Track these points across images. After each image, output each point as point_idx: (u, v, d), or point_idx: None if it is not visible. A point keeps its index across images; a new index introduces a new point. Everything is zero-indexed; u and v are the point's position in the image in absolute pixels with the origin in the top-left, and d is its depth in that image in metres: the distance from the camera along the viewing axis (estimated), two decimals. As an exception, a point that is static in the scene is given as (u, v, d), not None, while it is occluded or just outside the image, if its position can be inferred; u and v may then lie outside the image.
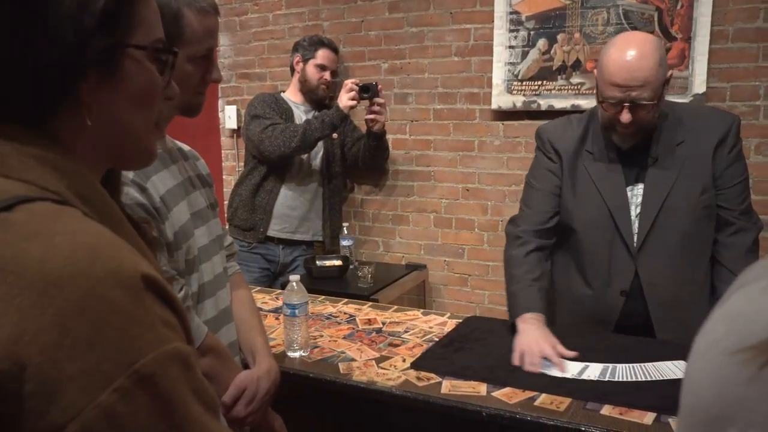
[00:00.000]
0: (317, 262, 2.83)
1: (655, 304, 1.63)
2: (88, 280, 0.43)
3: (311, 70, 2.79)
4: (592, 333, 1.70)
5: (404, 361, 1.53)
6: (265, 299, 2.07)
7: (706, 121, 1.63)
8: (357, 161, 2.93)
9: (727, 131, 1.60)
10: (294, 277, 1.54)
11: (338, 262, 2.83)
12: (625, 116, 1.50)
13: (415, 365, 1.50)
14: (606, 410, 1.28)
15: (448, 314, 1.91)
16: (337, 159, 2.90)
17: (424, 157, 3.05)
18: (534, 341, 1.50)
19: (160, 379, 0.44)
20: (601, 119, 1.62)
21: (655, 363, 1.48)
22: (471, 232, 3.03)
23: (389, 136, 2.97)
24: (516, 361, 1.47)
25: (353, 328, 1.78)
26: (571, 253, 1.75)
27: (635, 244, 1.63)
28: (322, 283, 2.68)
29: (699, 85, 2.39)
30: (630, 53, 1.48)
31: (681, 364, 1.47)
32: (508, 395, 1.35)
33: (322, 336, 1.71)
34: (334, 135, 2.82)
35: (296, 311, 1.51)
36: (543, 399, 1.33)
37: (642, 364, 1.47)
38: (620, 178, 1.63)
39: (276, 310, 1.93)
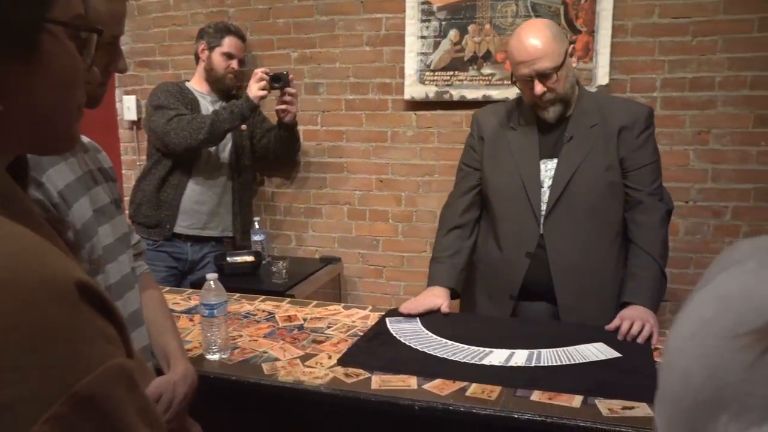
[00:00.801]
0: (228, 259, 2.72)
1: (557, 268, 1.75)
2: (17, 293, 0.35)
3: (217, 59, 2.67)
4: (513, 323, 1.73)
5: (330, 357, 1.49)
6: (177, 299, 1.95)
7: (618, 108, 1.79)
8: (267, 153, 2.84)
9: (635, 118, 1.75)
10: (211, 276, 1.45)
11: (250, 258, 2.73)
12: (538, 87, 1.67)
13: (342, 361, 1.46)
14: (536, 396, 1.28)
15: (370, 307, 1.88)
16: (247, 151, 2.80)
17: (337, 148, 2.99)
18: (422, 296, 1.78)
19: (102, 401, 0.37)
20: (525, 99, 1.79)
21: (576, 347, 1.51)
22: (385, 224, 3.01)
23: (300, 127, 2.89)
24: (402, 308, 1.76)
25: (273, 326, 1.71)
26: (489, 221, 1.90)
27: (543, 212, 1.76)
28: (234, 280, 2.57)
29: (602, 77, 2.48)
30: (526, 34, 1.69)
31: (601, 346, 1.52)
32: (439, 387, 1.33)
33: (241, 336, 1.64)
34: (243, 126, 2.71)
35: (215, 311, 1.43)
36: (474, 389, 1.32)
37: (565, 348, 1.50)
38: (536, 152, 1.79)
39: (189, 311, 1.83)
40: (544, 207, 1.76)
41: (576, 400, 1.26)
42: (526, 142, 1.80)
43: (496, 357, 1.46)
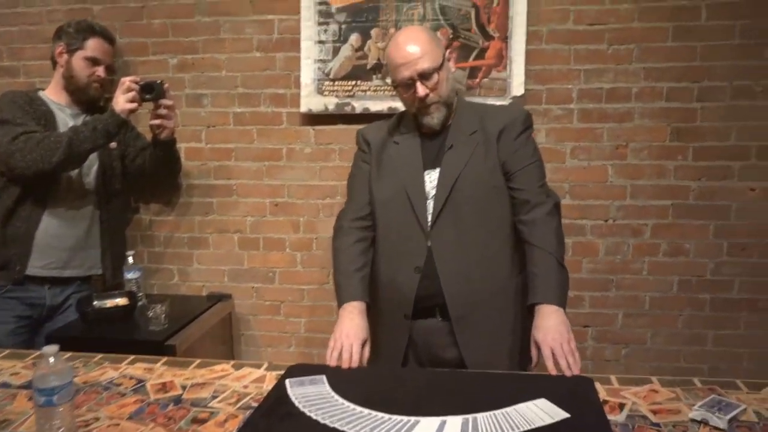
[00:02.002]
0: (95, 303, 2.31)
1: (447, 280, 1.68)
2: None
3: (79, 64, 2.26)
4: (434, 376, 1.48)
5: (215, 445, 1.17)
6: (17, 367, 1.55)
7: (496, 113, 1.79)
8: (142, 176, 2.44)
9: (513, 119, 1.74)
10: (50, 349, 1.10)
11: (123, 301, 2.33)
12: (420, 89, 1.66)
13: (231, 452, 1.14)
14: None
15: (266, 364, 1.57)
16: (117, 174, 2.40)
17: (224, 168, 2.65)
18: (345, 334, 1.59)
19: None
20: (407, 108, 1.79)
21: (516, 407, 1.28)
22: (282, 253, 2.69)
23: (181, 145, 2.53)
24: (329, 360, 1.55)
25: (143, 401, 1.36)
26: (377, 238, 1.82)
27: (429, 223, 1.70)
28: (102, 330, 2.18)
29: (517, 87, 2.30)
30: (404, 38, 1.69)
31: (543, 404, 1.29)
32: (357, 482, 1.05)
33: (98, 419, 1.28)
34: (112, 145, 2.32)
35: (54, 398, 1.07)
36: (401, 481, 1.05)
37: (504, 411, 1.26)
38: (419, 163, 1.75)
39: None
40: (429, 218, 1.71)
41: None
42: (409, 153, 1.77)
43: (425, 429, 1.19)
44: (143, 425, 1.25)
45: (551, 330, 1.49)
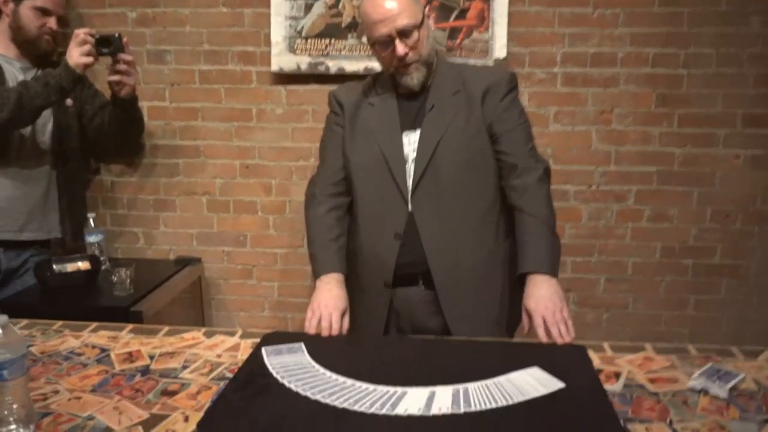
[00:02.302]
0: (55, 267, 2.17)
1: (431, 248, 1.60)
2: None
3: (27, 14, 2.08)
4: (420, 344, 1.41)
5: (187, 420, 1.08)
6: (-32, 337, 1.43)
7: (479, 74, 1.70)
8: (102, 136, 2.29)
9: (498, 81, 1.65)
10: (-1, 318, 0.99)
11: (84, 265, 2.20)
12: (400, 48, 1.56)
13: (203, 427, 1.05)
14: (474, 461, 0.96)
15: (240, 332, 1.47)
16: (74, 133, 2.25)
17: (190, 129, 2.51)
18: (323, 305, 1.51)
19: None
20: (384, 68, 1.68)
21: (509, 376, 1.21)
22: (253, 216, 2.58)
23: (144, 104, 2.39)
24: (308, 328, 1.48)
25: (107, 372, 1.26)
26: (354, 204, 1.73)
27: (409, 187, 1.61)
28: (62, 297, 2.06)
29: (500, 49, 2.21)
30: None
31: (536, 373, 1.22)
32: (344, 459, 0.97)
33: (57, 392, 1.18)
34: (68, 102, 2.17)
35: (4, 373, 0.97)
36: (391, 457, 0.98)
37: (496, 380, 1.19)
38: (396, 124, 1.65)
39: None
40: (410, 183, 1.61)
41: None
42: (386, 114, 1.67)
43: (414, 400, 1.12)
44: (107, 398, 1.15)
45: (544, 298, 1.43)
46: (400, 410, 1.09)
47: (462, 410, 1.09)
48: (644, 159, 2.32)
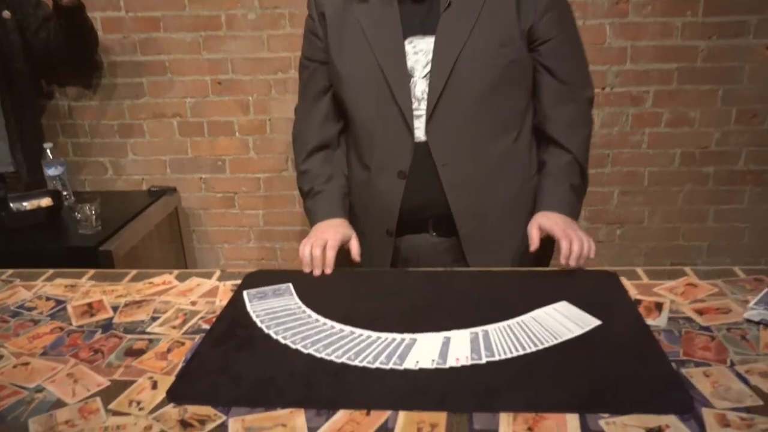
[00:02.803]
0: (11, 206, 1.98)
1: (452, 188, 1.32)
2: None
3: None
4: (415, 278, 1.23)
5: (155, 386, 0.91)
6: None
7: None
8: (49, 53, 2.03)
9: None
10: None
11: (45, 201, 2.01)
12: None
13: (175, 396, 0.88)
14: (505, 423, 0.80)
15: (218, 273, 1.29)
16: (17, 50, 1.99)
17: (152, 42, 2.25)
18: (320, 230, 1.32)
19: None
20: None
21: (533, 314, 1.04)
22: (230, 139, 2.37)
23: (95, 15, 2.13)
24: (305, 265, 1.26)
25: (62, 329, 1.09)
26: (348, 131, 1.44)
27: (416, 112, 1.29)
28: (20, 239, 1.87)
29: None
30: None
31: (566, 309, 1.06)
32: (344, 429, 0.81)
33: (0, 358, 1.00)
34: (5, 14, 1.90)
35: None
36: (403, 424, 0.81)
37: (519, 320, 1.02)
38: (397, 27, 1.29)
39: None
40: (417, 104, 1.29)
41: (570, 422, 0.80)
42: (383, 15, 1.30)
43: (425, 349, 0.95)
44: (61, 362, 0.98)
45: (557, 217, 1.27)
46: (410, 363, 0.92)
47: (484, 359, 0.92)
48: (664, 55, 2.10)
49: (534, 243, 1.24)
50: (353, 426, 0.81)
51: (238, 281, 1.23)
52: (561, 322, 1.02)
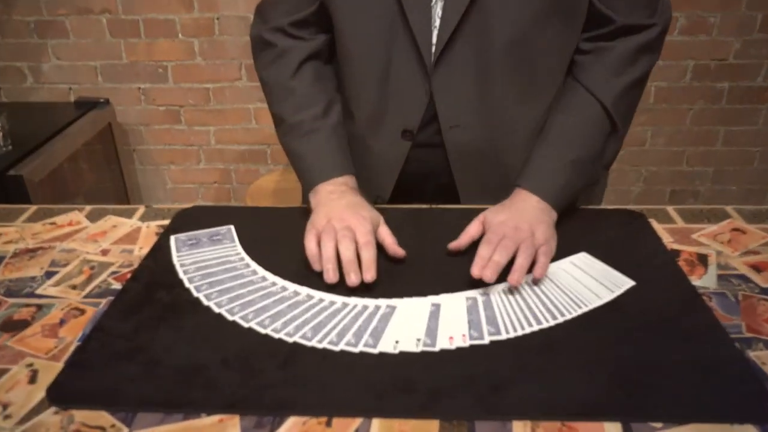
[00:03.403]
0: None
1: (457, 155, 1.00)
2: None
3: None
4: (394, 217, 0.99)
5: (34, 379, 0.66)
6: None
7: None
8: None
9: None
10: None
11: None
12: None
13: (57, 396, 0.64)
14: (518, 440, 0.59)
15: (141, 210, 1.03)
16: None
17: None
18: (338, 217, 0.87)
19: None
20: None
21: (550, 273, 0.81)
22: (173, 41, 2.04)
23: None
24: (315, 264, 0.82)
25: None
26: (338, 71, 1.05)
27: (432, 53, 0.92)
28: None
29: None
30: None
31: (588, 263, 0.83)
32: (298, 450, 0.58)
33: None
34: None
35: None
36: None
37: (530, 278, 0.79)
38: None
39: None
40: (436, 40, 0.91)
41: (608, 428, 0.58)
42: None
43: (407, 324, 0.72)
44: None
45: (522, 210, 0.89)
46: (388, 344, 0.69)
47: (486, 338, 0.70)
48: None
49: (459, 241, 0.87)
50: (308, 442, 0.58)
51: (166, 222, 0.98)
52: (584, 282, 0.79)
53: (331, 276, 0.78)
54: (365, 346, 0.69)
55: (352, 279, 0.77)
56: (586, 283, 0.79)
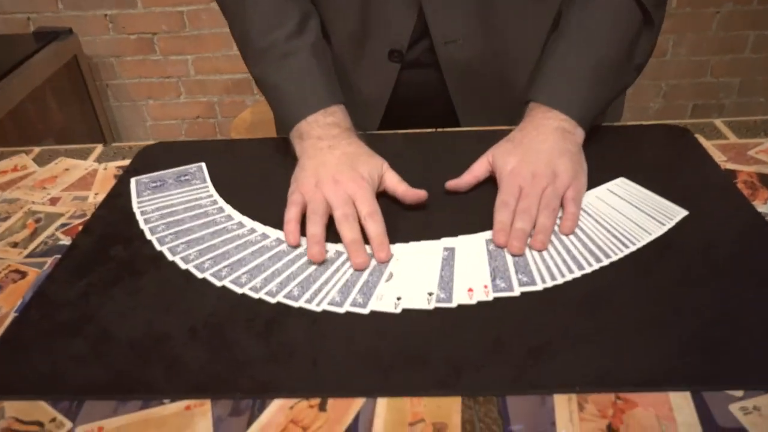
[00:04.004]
0: None
1: (456, 74, 0.88)
2: None
3: None
4: (395, 141, 0.85)
5: (-42, 363, 0.55)
6: None
7: None
8: None
9: None
10: None
11: None
12: None
13: (-14, 386, 0.53)
14: (563, 417, 0.47)
15: (99, 149, 0.89)
16: None
17: None
18: (329, 177, 0.70)
19: None
20: None
21: (587, 203, 0.68)
22: (139, -40, 1.86)
23: None
24: (290, 240, 0.65)
25: None
26: None
27: None
28: None
29: None
30: None
31: (630, 190, 0.71)
32: (289, 427, 0.47)
33: None
34: None
35: None
36: (385, 424, 0.47)
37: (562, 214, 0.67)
38: None
39: None
40: None
41: (679, 414, 0.46)
42: None
43: (414, 276, 0.60)
44: None
45: (526, 155, 0.71)
46: (388, 301, 0.57)
47: (516, 289, 0.57)
48: None
49: (460, 180, 0.73)
50: (298, 417, 0.47)
51: (127, 162, 0.84)
52: (627, 214, 0.66)
53: (316, 255, 0.62)
54: (351, 304, 0.56)
55: (360, 262, 0.61)
56: (630, 214, 0.66)
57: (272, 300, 0.58)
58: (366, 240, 0.64)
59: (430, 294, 0.57)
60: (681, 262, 0.59)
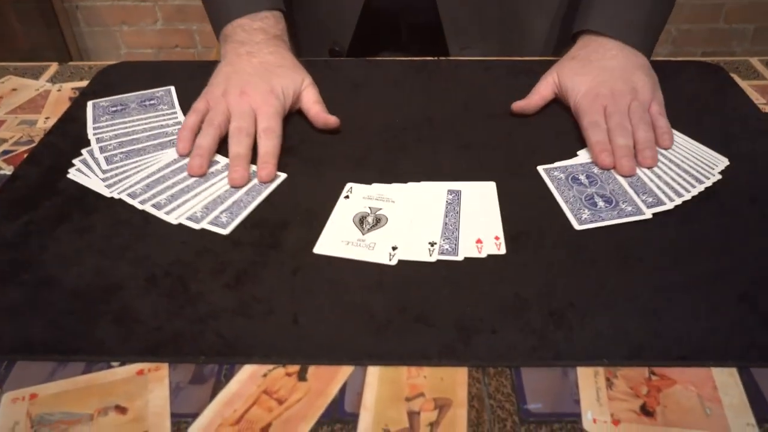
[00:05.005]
0: None
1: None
2: None
3: None
4: (390, 68, 0.76)
5: None
6: None
7: None
8: None
9: None
10: None
11: None
12: None
13: None
14: (589, 396, 0.39)
15: (53, 68, 0.79)
16: None
17: None
18: (237, 87, 0.64)
19: None
20: None
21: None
22: None
23: None
24: (180, 146, 0.60)
25: None
26: None
27: None
28: None
29: None
30: None
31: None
32: (254, 411, 0.39)
33: None
34: None
35: None
36: (375, 402, 0.39)
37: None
38: None
39: None
40: None
41: (725, 393, 0.39)
42: None
43: (411, 221, 0.52)
44: None
45: (605, 78, 0.64)
46: (382, 251, 0.49)
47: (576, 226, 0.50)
48: None
49: (528, 100, 0.66)
50: (269, 408, 0.39)
51: (85, 82, 0.75)
52: (667, 161, 0.58)
53: (195, 168, 0.57)
54: (213, 224, 0.48)
55: (235, 177, 0.56)
56: (669, 162, 0.57)
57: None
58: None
59: (432, 244, 0.49)
60: (724, 217, 0.51)
